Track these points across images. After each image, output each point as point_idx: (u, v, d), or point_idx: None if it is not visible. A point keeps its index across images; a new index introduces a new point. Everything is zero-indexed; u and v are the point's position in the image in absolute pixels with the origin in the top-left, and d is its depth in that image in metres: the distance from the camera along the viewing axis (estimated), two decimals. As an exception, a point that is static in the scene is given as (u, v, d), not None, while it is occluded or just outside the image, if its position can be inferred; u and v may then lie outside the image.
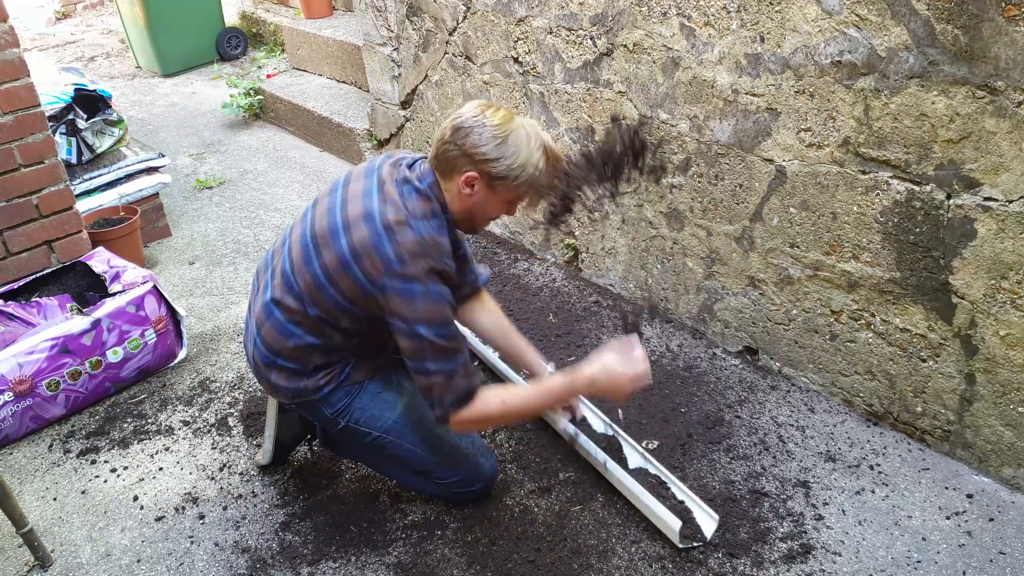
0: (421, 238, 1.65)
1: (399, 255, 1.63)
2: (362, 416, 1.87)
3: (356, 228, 1.68)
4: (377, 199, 1.70)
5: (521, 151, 1.68)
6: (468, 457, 1.95)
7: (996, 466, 2.00)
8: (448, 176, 1.74)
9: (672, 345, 2.59)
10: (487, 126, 1.67)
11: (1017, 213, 1.74)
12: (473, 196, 1.73)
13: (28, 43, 6.36)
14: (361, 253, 1.66)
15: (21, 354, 2.24)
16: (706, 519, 1.89)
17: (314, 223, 1.78)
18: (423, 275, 1.64)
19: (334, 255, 1.70)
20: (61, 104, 3.13)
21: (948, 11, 1.70)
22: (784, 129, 2.11)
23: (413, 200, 1.70)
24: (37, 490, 2.14)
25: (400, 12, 3.33)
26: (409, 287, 1.63)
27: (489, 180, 1.70)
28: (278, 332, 1.81)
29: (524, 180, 1.70)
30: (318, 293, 1.74)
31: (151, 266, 3.22)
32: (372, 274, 1.65)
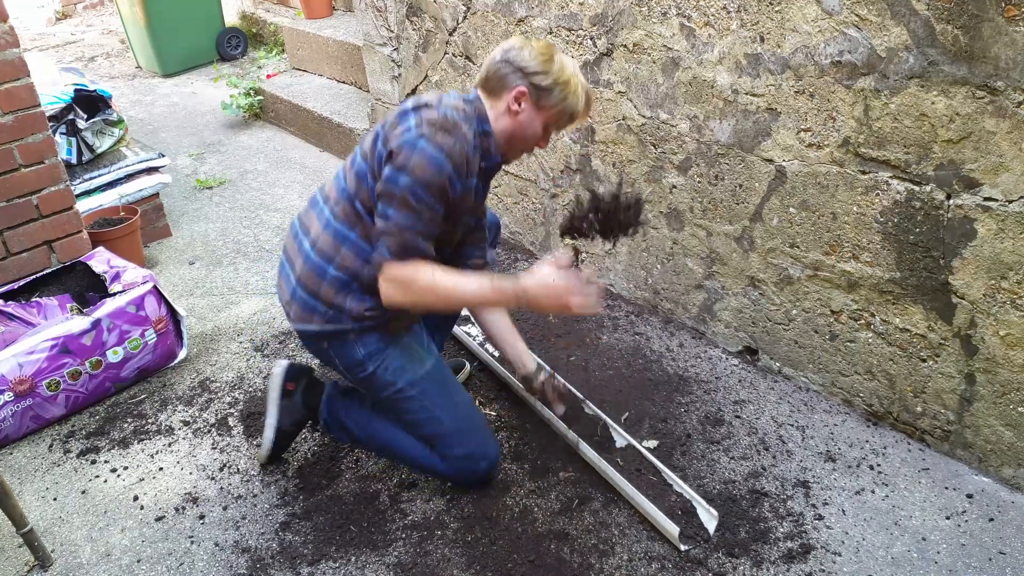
0: (445, 116, 1.74)
1: (418, 123, 1.73)
2: (392, 364, 1.90)
3: (390, 115, 1.82)
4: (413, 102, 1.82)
5: (565, 69, 1.81)
6: (480, 430, 1.97)
7: (996, 466, 2.00)
8: (497, 94, 1.84)
9: (672, 345, 2.59)
10: (534, 47, 1.81)
11: (1017, 213, 1.75)
12: (520, 114, 1.82)
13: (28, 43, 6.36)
14: (387, 123, 1.79)
15: (21, 354, 2.24)
16: (707, 517, 1.90)
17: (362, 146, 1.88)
18: (433, 136, 1.71)
19: (370, 139, 1.82)
20: (61, 104, 3.13)
21: (948, 11, 1.70)
22: (784, 129, 2.11)
23: (451, 97, 1.83)
24: (37, 490, 2.14)
25: (400, 12, 3.33)
26: (415, 141, 1.71)
27: (537, 95, 1.80)
28: (334, 237, 1.86)
29: (566, 99, 1.82)
30: (357, 181, 1.83)
31: (151, 266, 3.22)
32: (389, 136, 1.75)
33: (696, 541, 1.86)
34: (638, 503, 1.94)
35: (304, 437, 2.27)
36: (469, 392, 2.40)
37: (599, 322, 2.72)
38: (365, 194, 1.81)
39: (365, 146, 1.85)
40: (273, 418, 2.09)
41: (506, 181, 3.17)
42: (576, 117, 1.88)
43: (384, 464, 2.16)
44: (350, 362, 1.92)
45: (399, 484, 2.09)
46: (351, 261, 1.84)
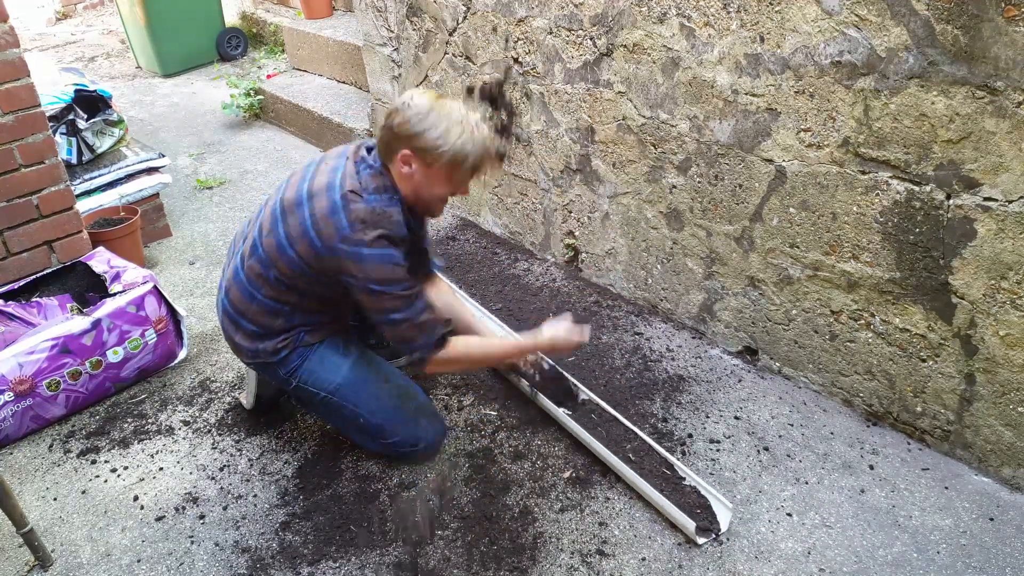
0: (372, 208, 1.83)
1: (351, 223, 1.81)
2: (310, 378, 2.03)
3: (318, 199, 1.85)
4: (339, 174, 1.88)
5: (442, 123, 1.80)
6: (410, 418, 2.08)
7: (996, 466, 2.00)
8: (390, 159, 1.88)
9: (672, 345, 2.59)
10: (412, 106, 1.82)
11: (1017, 213, 1.75)
12: (413, 175, 1.87)
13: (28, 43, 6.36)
14: (318, 221, 1.83)
15: (21, 354, 2.24)
16: (722, 509, 1.91)
17: (285, 193, 1.95)
18: (372, 241, 1.81)
19: (296, 221, 1.87)
20: (61, 104, 3.13)
21: (948, 11, 1.71)
22: (784, 129, 2.11)
23: (367, 176, 1.87)
24: (37, 490, 2.14)
25: (400, 12, 3.33)
26: (358, 251, 1.81)
27: (422, 155, 1.83)
28: (242, 294, 1.98)
29: (453, 150, 1.81)
30: (279, 256, 1.90)
31: (151, 266, 3.22)
32: (326, 239, 1.82)
33: (713, 533, 1.88)
34: (651, 497, 1.96)
35: (304, 436, 2.27)
36: (468, 392, 2.41)
37: (599, 322, 2.72)
38: (285, 267, 1.90)
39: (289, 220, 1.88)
40: (252, 385, 2.26)
41: (506, 181, 3.17)
42: (480, 163, 1.86)
43: (384, 464, 2.16)
44: (279, 380, 2.08)
45: (399, 484, 2.09)
46: (261, 317, 1.98)
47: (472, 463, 2.15)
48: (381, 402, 2.06)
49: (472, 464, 2.14)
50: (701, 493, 1.96)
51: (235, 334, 2.03)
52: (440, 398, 2.39)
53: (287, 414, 2.36)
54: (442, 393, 2.41)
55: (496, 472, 2.11)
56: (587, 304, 2.83)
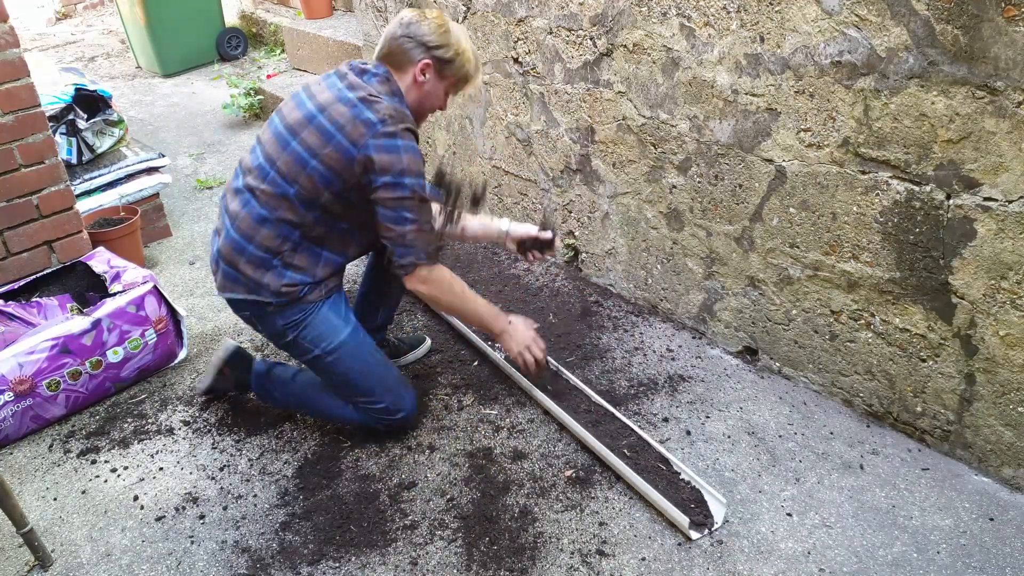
0: (394, 107, 1.92)
1: (381, 118, 1.87)
2: (310, 333, 2.05)
3: (333, 108, 1.91)
4: (344, 86, 1.95)
5: (460, 40, 2.00)
6: (395, 386, 2.16)
7: (996, 466, 2.00)
8: (402, 67, 1.98)
9: (672, 345, 2.59)
10: (430, 19, 1.98)
11: (1017, 213, 1.75)
12: (425, 83, 2.00)
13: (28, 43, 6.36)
14: (344, 124, 1.88)
15: (21, 354, 2.24)
16: (716, 504, 1.92)
17: (285, 119, 2.00)
18: (403, 132, 1.89)
19: (315, 132, 1.91)
20: (61, 104, 3.13)
21: (948, 11, 1.71)
22: (784, 129, 2.11)
23: (375, 83, 1.96)
24: (37, 490, 2.14)
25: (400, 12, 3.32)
26: (394, 143, 1.87)
27: (440, 66, 1.98)
28: (253, 219, 1.98)
29: (464, 66, 2.01)
30: (301, 170, 1.92)
31: (151, 266, 3.22)
32: (356, 138, 1.87)
33: (707, 528, 1.89)
34: (646, 493, 1.96)
35: (304, 436, 2.27)
36: (468, 392, 2.41)
37: (599, 322, 2.72)
38: (308, 181, 1.92)
39: (304, 133, 1.93)
40: (209, 379, 2.34)
41: (506, 181, 3.17)
42: (470, 80, 2.07)
43: (384, 464, 2.16)
44: (272, 331, 2.10)
45: (399, 484, 2.09)
46: (270, 241, 1.98)
47: (472, 463, 2.15)
48: (372, 368, 2.13)
49: (472, 464, 2.14)
50: (696, 489, 1.97)
51: (239, 261, 1.99)
52: (440, 398, 2.39)
53: (286, 414, 2.36)
54: (442, 393, 2.41)
55: (496, 472, 2.11)
56: (587, 304, 2.83)
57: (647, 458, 2.07)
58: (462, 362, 2.55)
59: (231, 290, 2.06)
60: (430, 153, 3.55)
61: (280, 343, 2.12)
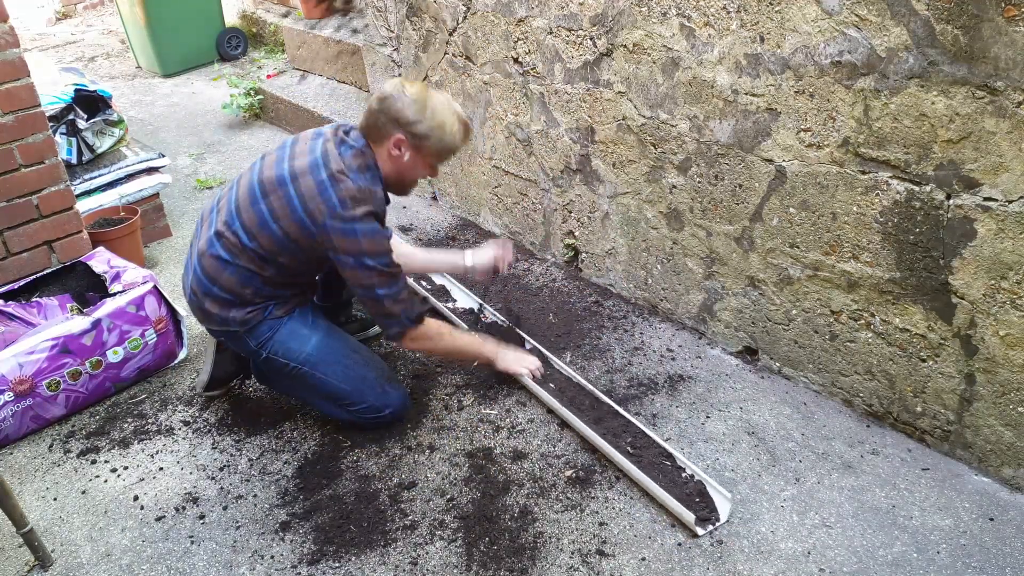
0: (359, 187, 1.96)
1: (341, 200, 1.94)
2: (280, 349, 2.12)
3: (303, 178, 1.98)
4: (320, 155, 2.00)
5: (437, 113, 2.01)
6: (376, 385, 2.20)
7: (996, 466, 2.00)
8: (379, 142, 2.04)
9: (672, 345, 2.59)
10: (407, 95, 2.00)
11: (1017, 213, 1.75)
12: (402, 157, 2.04)
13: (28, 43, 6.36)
14: (307, 200, 1.95)
15: (21, 354, 2.24)
16: (721, 500, 1.92)
17: (262, 172, 2.06)
18: (362, 217, 1.94)
19: (282, 200, 1.99)
20: (61, 104, 3.13)
21: (948, 11, 1.71)
22: (784, 129, 2.11)
23: (349, 157, 2.00)
24: (37, 490, 2.14)
25: (400, 12, 3.33)
26: (351, 227, 1.94)
27: (415, 140, 2.01)
28: (217, 262, 2.06)
29: (442, 139, 2.03)
30: (261, 230, 2.01)
31: (151, 266, 3.22)
32: (317, 217, 1.94)
33: (712, 524, 1.89)
34: (650, 489, 1.97)
35: (304, 436, 2.27)
36: (468, 392, 2.41)
37: (599, 322, 2.72)
38: (268, 241, 2.01)
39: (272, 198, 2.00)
40: (208, 366, 2.35)
41: (506, 181, 3.17)
42: (455, 150, 2.10)
43: (384, 464, 2.16)
44: (247, 351, 2.17)
45: (399, 484, 2.09)
46: (232, 285, 2.07)
47: (472, 463, 2.15)
48: (349, 371, 2.17)
49: (472, 464, 2.14)
50: (700, 487, 1.97)
51: (204, 302, 2.10)
52: (440, 398, 2.39)
53: (286, 414, 2.36)
54: (442, 393, 2.41)
55: (496, 472, 2.11)
56: (587, 304, 2.83)
57: (650, 455, 2.07)
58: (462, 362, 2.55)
59: (204, 322, 2.19)
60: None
61: (257, 361, 2.20)
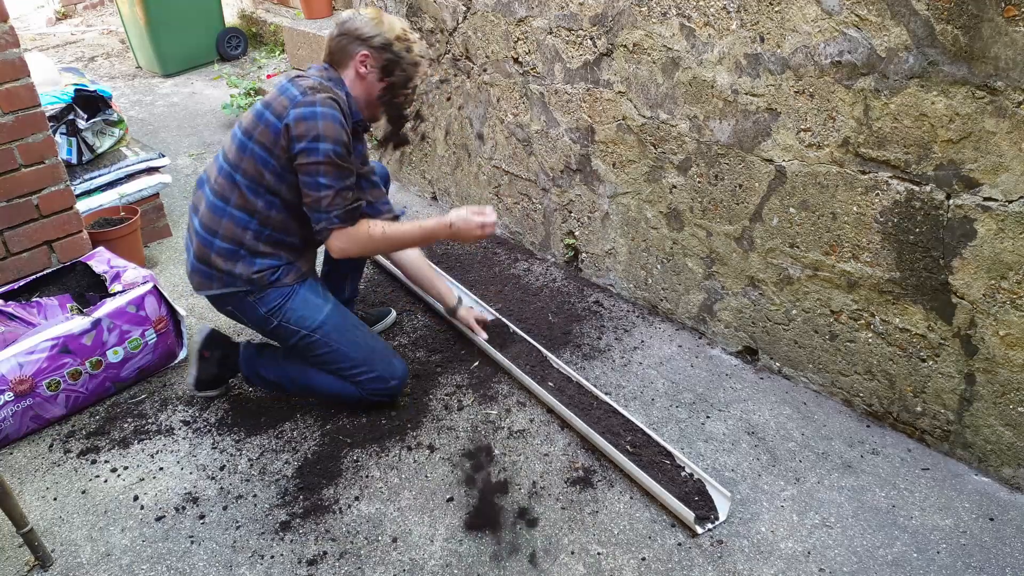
0: (319, 82, 2.04)
1: (302, 91, 2.00)
2: (293, 316, 2.14)
3: (270, 96, 2.07)
4: (284, 80, 2.09)
5: (394, 27, 2.11)
6: (384, 356, 2.24)
7: (996, 466, 2.00)
8: (344, 64, 2.11)
9: (672, 345, 2.59)
10: (362, 14, 2.10)
11: (1017, 213, 1.75)
12: (368, 74, 2.10)
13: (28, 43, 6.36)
14: (271, 102, 2.03)
15: (21, 354, 2.24)
16: (720, 498, 1.93)
17: (242, 124, 2.11)
18: (322, 101, 1.98)
19: (251, 116, 2.06)
20: (61, 104, 3.13)
21: (948, 11, 1.71)
22: (784, 129, 2.11)
23: (314, 72, 2.11)
24: (37, 490, 2.14)
25: (400, 12, 3.33)
26: (311, 110, 1.96)
27: (377, 54, 2.08)
28: (213, 212, 2.10)
29: (402, 52, 2.10)
30: (241, 155, 2.05)
31: (151, 266, 3.22)
32: (280, 111, 1.99)
33: (711, 522, 1.90)
34: (650, 488, 1.97)
35: (304, 436, 2.27)
36: (468, 392, 2.41)
37: (599, 323, 2.72)
38: (249, 164, 2.04)
39: (245, 123, 2.08)
40: (194, 370, 2.37)
41: (506, 181, 3.17)
42: (418, 64, 2.15)
43: (384, 464, 2.16)
44: (255, 319, 2.18)
45: (399, 484, 2.09)
46: (232, 231, 2.08)
47: (472, 463, 2.15)
48: (360, 341, 2.21)
49: (472, 464, 2.14)
50: (699, 485, 1.98)
51: (210, 256, 2.10)
52: (440, 398, 2.39)
53: (286, 414, 2.36)
54: (442, 393, 2.42)
55: (496, 472, 2.11)
56: (587, 304, 2.83)
57: (649, 454, 2.07)
58: (462, 362, 2.55)
59: (208, 287, 2.17)
60: (430, 153, 3.55)
61: (266, 330, 2.20)
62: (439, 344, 2.65)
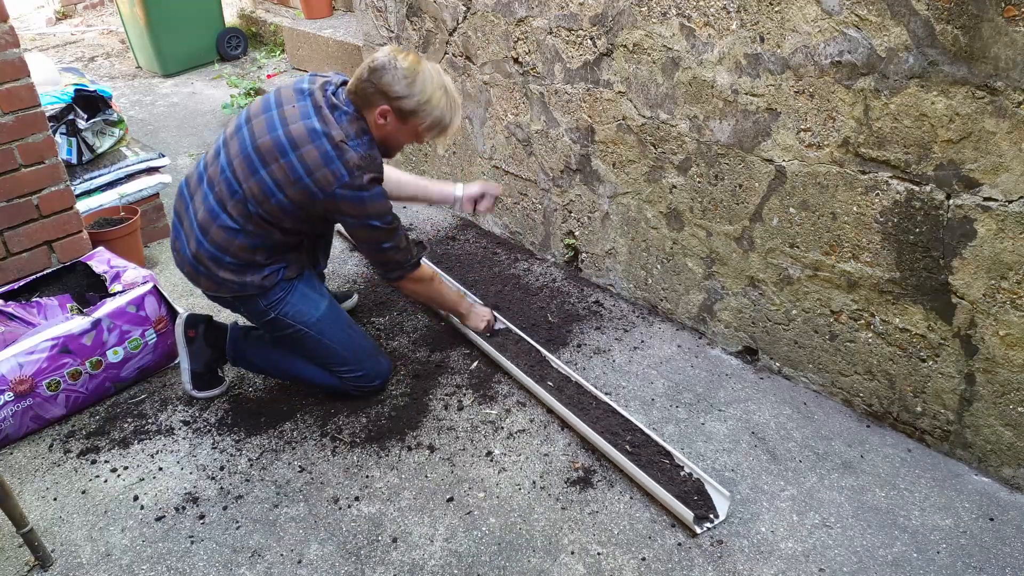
0: (361, 155, 2.02)
1: (349, 170, 2.00)
2: (291, 310, 2.21)
3: (305, 148, 2.01)
4: (317, 120, 2.03)
5: (427, 90, 2.05)
6: (372, 355, 2.33)
7: (996, 466, 2.00)
8: (366, 109, 2.09)
9: (672, 345, 2.59)
10: (399, 68, 2.03)
11: (1017, 213, 1.75)
12: (386, 126, 2.10)
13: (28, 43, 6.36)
14: (313, 169, 2.00)
15: (21, 354, 2.24)
16: (719, 497, 1.93)
17: (255, 138, 2.08)
18: (368, 184, 2.03)
19: (285, 171, 2.02)
20: (61, 104, 3.13)
21: (948, 11, 1.71)
22: (784, 129, 2.11)
23: (347, 124, 2.05)
24: (37, 490, 2.14)
25: (400, 12, 3.33)
26: (359, 195, 2.03)
27: (400, 114, 2.07)
28: (226, 232, 2.11)
29: (431, 114, 2.08)
30: (266, 199, 2.05)
31: (151, 266, 3.22)
32: (324, 186, 2.00)
33: (710, 521, 1.90)
34: (649, 487, 1.97)
35: (304, 436, 2.27)
36: (468, 391, 2.41)
37: (599, 323, 2.72)
38: (272, 208, 2.06)
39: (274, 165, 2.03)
40: (186, 362, 2.39)
41: (506, 181, 3.17)
42: (445, 125, 2.14)
43: (385, 465, 2.16)
44: (255, 312, 2.23)
45: (399, 485, 2.09)
46: (244, 253, 2.13)
47: (472, 463, 2.15)
48: (352, 339, 2.29)
49: (472, 464, 2.14)
50: (698, 485, 1.98)
51: (219, 270, 2.14)
52: (440, 398, 2.39)
53: (286, 414, 2.36)
54: (442, 393, 2.42)
55: (496, 472, 2.11)
56: (587, 304, 2.83)
57: (648, 453, 2.07)
58: (462, 362, 2.55)
59: (218, 291, 2.21)
60: (430, 154, 3.55)
61: (261, 321, 2.25)
62: (439, 344, 2.65)
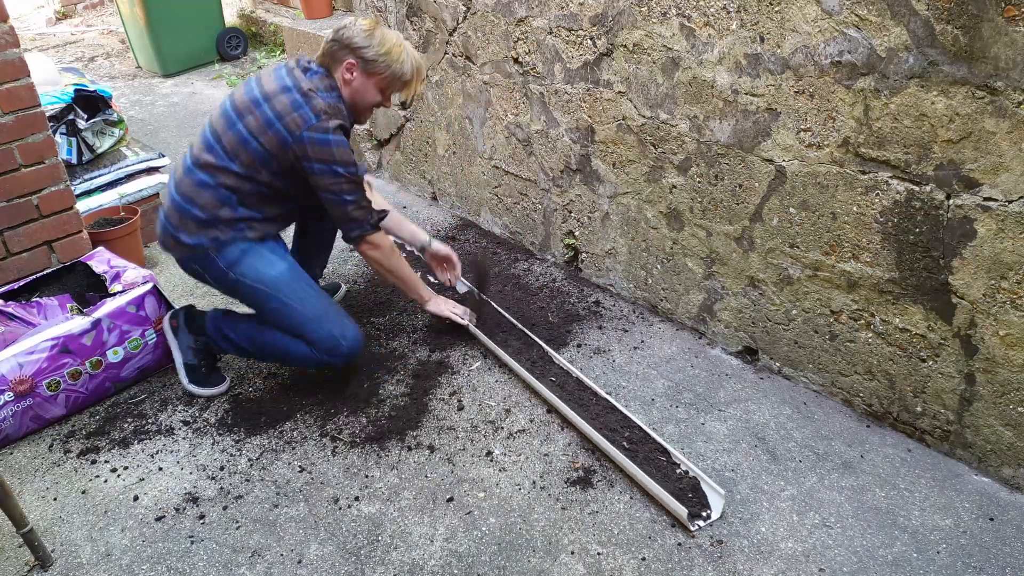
0: (329, 103, 2.15)
1: (316, 113, 2.11)
2: (249, 270, 2.23)
3: (276, 98, 2.14)
4: (289, 79, 2.17)
5: (386, 42, 2.19)
6: (335, 316, 2.30)
7: (996, 466, 2.00)
8: (333, 67, 2.21)
9: (672, 345, 2.59)
10: (359, 24, 2.20)
11: (1017, 213, 1.75)
12: (353, 81, 2.21)
13: (28, 43, 6.36)
14: (283, 114, 2.11)
15: (21, 354, 2.24)
16: (714, 496, 1.93)
17: (234, 101, 2.21)
18: (334, 129, 2.12)
19: (257, 118, 2.14)
20: (61, 104, 3.13)
21: (948, 11, 1.71)
22: (784, 129, 2.11)
23: (315, 79, 2.19)
24: (37, 490, 2.14)
25: (400, 12, 3.33)
26: (325, 137, 2.11)
27: (364, 65, 2.18)
28: (195, 183, 2.19)
29: (390, 66, 2.19)
30: (242, 148, 2.15)
31: (151, 266, 3.22)
32: (293, 128, 2.11)
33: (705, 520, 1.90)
34: (644, 484, 1.97)
35: (304, 436, 2.27)
36: (468, 391, 2.41)
37: (599, 322, 2.72)
38: (248, 158, 2.15)
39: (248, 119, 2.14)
40: (178, 356, 2.46)
41: (506, 181, 3.17)
42: (407, 81, 2.25)
43: (384, 465, 2.16)
44: (216, 273, 2.26)
45: (399, 485, 2.09)
46: (210, 203, 2.18)
47: (472, 463, 2.15)
48: (311, 300, 2.28)
49: (472, 464, 2.14)
50: (694, 482, 1.98)
51: (182, 225, 2.20)
52: (440, 398, 2.39)
53: (286, 414, 2.36)
54: (442, 393, 2.42)
55: (496, 472, 2.11)
56: (587, 304, 2.83)
57: (645, 450, 2.08)
58: (462, 362, 2.55)
59: (176, 249, 2.26)
60: (430, 154, 3.55)
61: (225, 284, 2.28)
62: (439, 344, 2.65)
